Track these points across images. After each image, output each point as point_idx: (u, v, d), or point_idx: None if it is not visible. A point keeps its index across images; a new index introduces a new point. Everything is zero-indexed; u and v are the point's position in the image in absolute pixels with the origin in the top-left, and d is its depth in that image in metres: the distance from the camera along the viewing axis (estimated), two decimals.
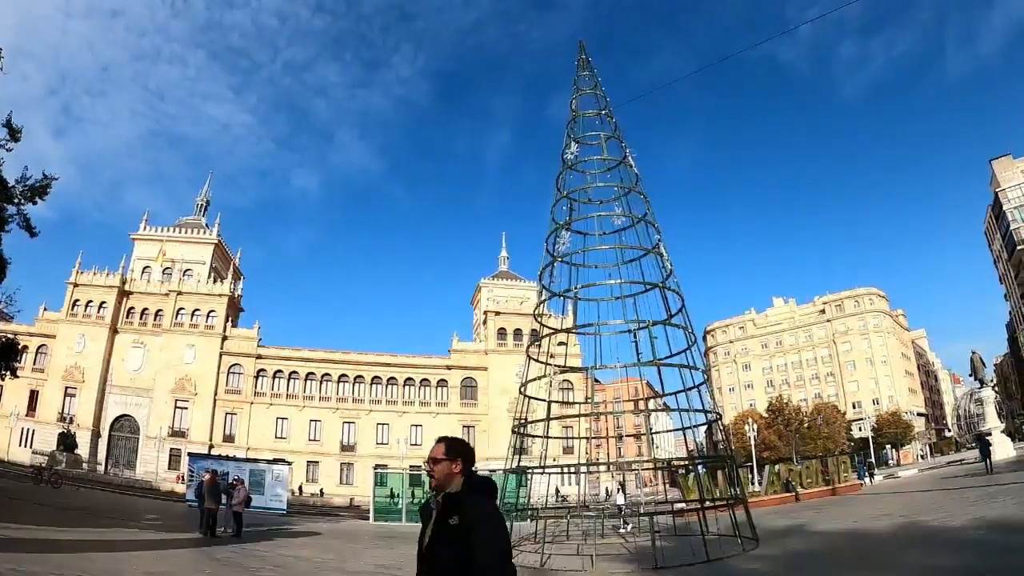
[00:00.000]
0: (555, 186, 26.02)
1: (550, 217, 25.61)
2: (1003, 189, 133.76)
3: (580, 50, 28.63)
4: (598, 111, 27.12)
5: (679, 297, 24.33)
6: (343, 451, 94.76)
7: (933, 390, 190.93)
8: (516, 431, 24.08)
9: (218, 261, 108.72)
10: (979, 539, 16.92)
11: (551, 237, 25.12)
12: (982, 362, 70.35)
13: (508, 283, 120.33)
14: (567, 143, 26.26)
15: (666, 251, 24.93)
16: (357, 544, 28.67)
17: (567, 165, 26.02)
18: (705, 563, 17.76)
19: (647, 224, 25.22)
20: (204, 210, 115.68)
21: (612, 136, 26.64)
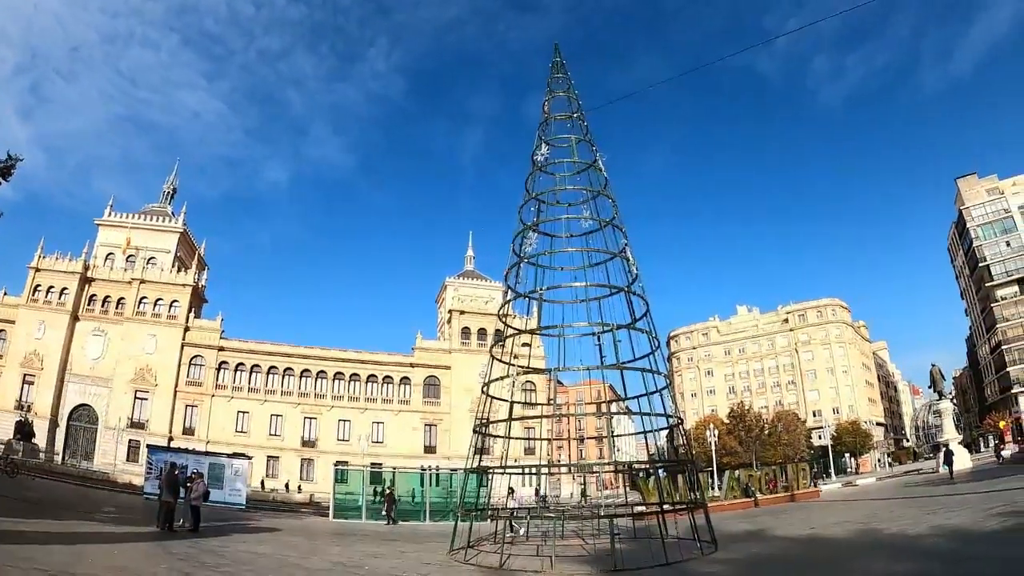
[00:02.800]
0: (524, 187, 26.04)
1: (518, 218, 25.65)
2: (967, 207, 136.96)
3: (555, 52, 28.65)
4: (570, 114, 27.16)
5: (644, 302, 24.45)
6: (304, 447, 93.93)
7: (892, 401, 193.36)
8: (477, 431, 24.06)
9: (183, 250, 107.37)
10: (937, 547, 17.16)
11: (518, 238, 25.13)
12: (941, 375, 71.38)
13: (474, 282, 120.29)
14: (538, 144, 26.29)
15: (632, 256, 25.02)
16: (316, 541, 28.48)
17: (537, 167, 26.05)
18: (664, 566, 17.85)
19: (615, 228, 25.28)
20: (170, 198, 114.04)
21: (583, 139, 26.68)
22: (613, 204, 25.78)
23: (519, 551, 21.71)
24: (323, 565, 19.72)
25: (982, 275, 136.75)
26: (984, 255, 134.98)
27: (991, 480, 38.69)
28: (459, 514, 24.51)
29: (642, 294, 24.48)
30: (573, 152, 26.30)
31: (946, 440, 60.74)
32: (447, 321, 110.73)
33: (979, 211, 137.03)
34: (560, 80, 27.94)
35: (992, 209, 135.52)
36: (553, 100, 27.53)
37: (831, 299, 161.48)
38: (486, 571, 18.65)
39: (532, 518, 26.46)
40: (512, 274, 25.07)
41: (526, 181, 26.05)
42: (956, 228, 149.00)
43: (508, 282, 25.49)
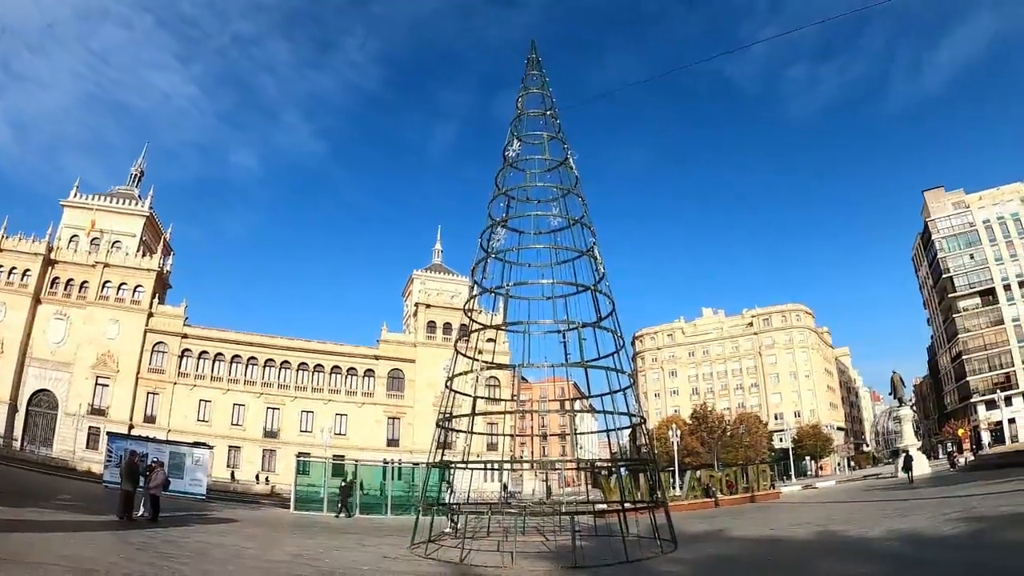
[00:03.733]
0: (495, 182, 26.00)
1: (487, 213, 25.59)
2: (933, 219, 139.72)
3: (531, 49, 28.57)
4: (543, 111, 27.14)
5: (610, 301, 24.47)
6: (266, 437, 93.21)
7: (853, 406, 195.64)
8: (440, 425, 24.02)
9: (148, 235, 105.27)
10: (893, 550, 17.36)
11: (486, 233, 25.06)
12: (902, 382, 72.45)
13: (441, 276, 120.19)
14: (510, 140, 26.25)
15: (600, 255, 25.08)
16: (277, 532, 28.35)
17: (508, 162, 26.00)
18: (624, 564, 17.93)
19: (583, 227, 25.30)
20: (138, 181, 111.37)
21: (555, 137, 26.66)
22: (582, 203, 25.82)
23: (480, 546, 21.69)
24: (283, 557, 19.61)
25: (945, 286, 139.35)
26: (948, 267, 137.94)
27: (949, 486, 39.25)
28: (421, 508, 24.48)
29: (608, 293, 24.52)
30: (545, 149, 26.29)
31: (905, 446, 61.54)
32: (413, 314, 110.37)
33: (945, 224, 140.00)
34: (535, 77, 27.88)
35: (958, 222, 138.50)
36: (527, 96, 27.47)
37: (795, 304, 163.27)
38: (446, 566, 18.60)
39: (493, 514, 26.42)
40: (479, 269, 25.01)
41: (496, 176, 26.00)
42: (921, 239, 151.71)
43: (475, 277, 25.41)
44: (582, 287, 24.50)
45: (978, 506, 24.60)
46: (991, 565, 13.50)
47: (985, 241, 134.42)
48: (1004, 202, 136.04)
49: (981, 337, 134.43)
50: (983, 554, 14.70)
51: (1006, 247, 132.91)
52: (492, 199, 25.64)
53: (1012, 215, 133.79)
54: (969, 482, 39.69)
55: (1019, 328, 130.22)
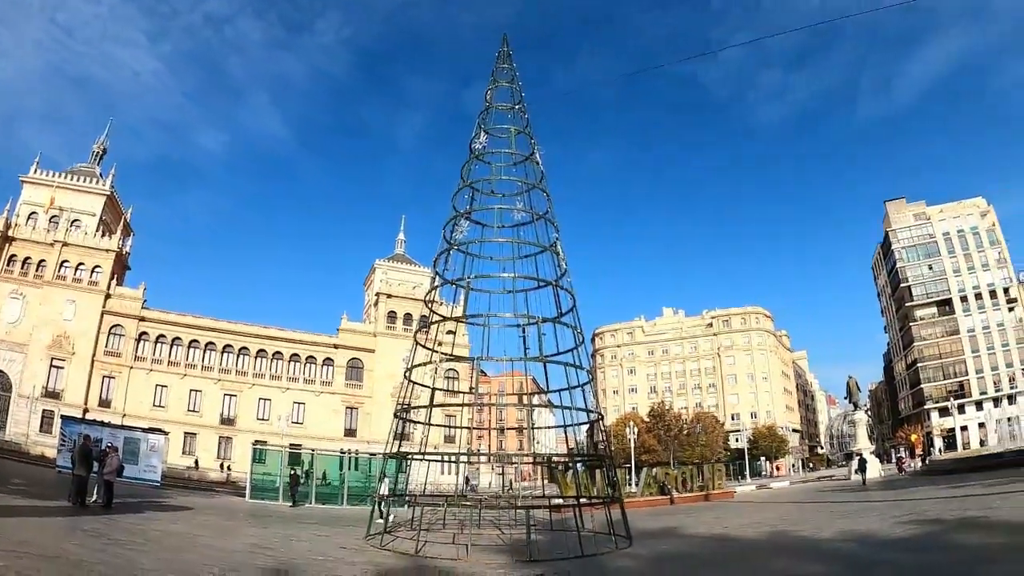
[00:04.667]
0: (460, 174, 25.95)
1: (452, 204, 25.54)
2: (894, 229, 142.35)
3: (503, 42, 28.53)
4: (512, 105, 27.12)
5: (571, 297, 24.55)
6: (222, 424, 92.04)
7: (809, 409, 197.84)
8: (398, 416, 23.95)
9: (109, 214, 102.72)
10: (846, 551, 17.52)
11: (450, 224, 25.02)
12: (857, 387, 73.37)
13: (403, 267, 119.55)
14: (477, 132, 26.20)
15: (562, 250, 25.15)
16: (231, 521, 28.15)
17: (474, 154, 25.96)
18: (578, 558, 18.01)
19: (547, 222, 25.34)
20: (100, 159, 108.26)
21: (522, 131, 26.65)
22: (547, 198, 25.89)
23: (436, 538, 21.68)
24: (238, 546, 19.46)
25: (903, 295, 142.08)
26: (907, 276, 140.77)
27: (900, 490, 39.74)
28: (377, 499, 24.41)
29: (570, 289, 24.60)
30: (512, 143, 26.27)
31: (859, 449, 62.43)
32: (374, 304, 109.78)
33: (905, 234, 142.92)
34: (505, 70, 27.84)
35: (918, 233, 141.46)
36: (496, 90, 27.43)
37: (755, 307, 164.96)
38: (401, 557, 18.57)
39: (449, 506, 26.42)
40: (441, 260, 24.96)
41: (462, 168, 25.96)
42: (882, 249, 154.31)
43: (437, 268, 25.37)
44: (543, 282, 24.56)
45: (929, 509, 24.91)
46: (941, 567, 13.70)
47: (944, 253, 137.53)
48: (964, 215, 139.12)
49: (936, 346, 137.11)
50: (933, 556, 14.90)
51: (964, 259, 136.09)
52: (457, 191, 25.62)
53: (971, 228, 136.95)
54: (921, 486, 40.22)
55: (974, 339, 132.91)
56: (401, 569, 16.82)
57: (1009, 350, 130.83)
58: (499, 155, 26.48)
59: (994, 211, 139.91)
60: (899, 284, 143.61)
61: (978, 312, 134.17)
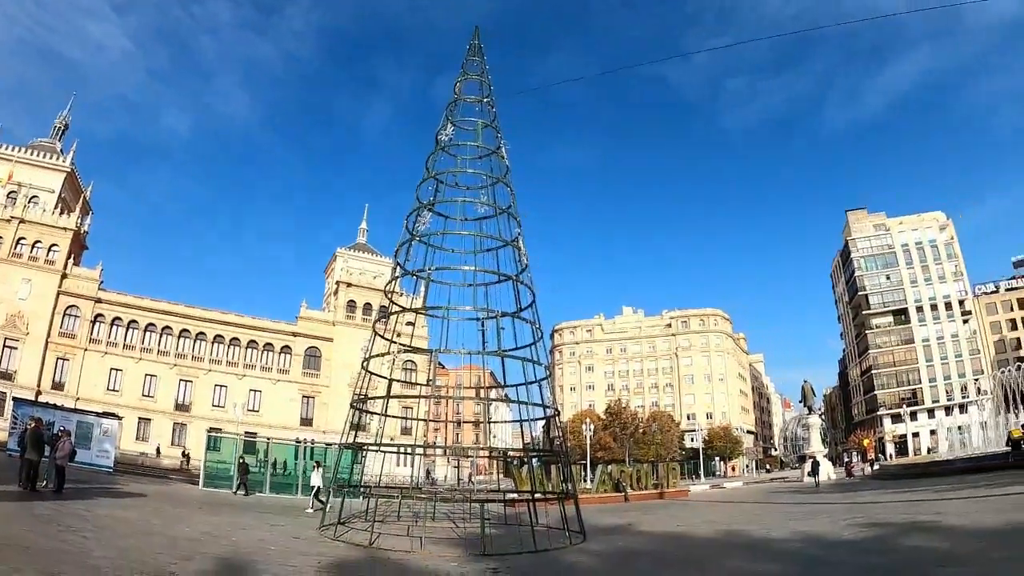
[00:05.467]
0: (425, 165, 25.85)
1: (415, 195, 25.43)
2: (854, 238, 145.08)
3: (475, 35, 28.43)
4: (480, 98, 27.05)
5: (531, 292, 24.57)
6: (177, 410, 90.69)
7: (764, 411, 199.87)
8: (355, 406, 23.84)
9: (68, 191, 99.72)
10: (797, 551, 17.70)
11: (413, 215, 24.91)
12: (812, 391, 74.57)
13: (364, 256, 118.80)
14: (444, 124, 26.12)
15: (524, 246, 25.15)
16: (184, 509, 27.82)
17: (440, 146, 25.86)
18: (532, 553, 18.04)
19: (510, 216, 25.33)
20: (61, 134, 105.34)
21: (489, 125, 26.59)
22: (511, 193, 25.87)
23: (390, 530, 21.62)
24: (190, 534, 19.21)
25: (860, 303, 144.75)
26: (864, 285, 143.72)
27: (852, 492, 40.37)
28: (331, 490, 24.30)
29: (530, 284, 24.62)
30: (478, 136, 26.19)
31: (813, 452, 63.34)
32: (334, 292, 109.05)
33: (864, 244, 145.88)
34: (475, 63, 27.75)
35: (877, 243, 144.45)
36: (466, 82, 27.36)
37: (714, 309, 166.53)
38: (355, 549, 18.49)
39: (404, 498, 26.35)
40: (403, 251, 24.84)
41: (427, 159, 25.82)
42: (841, 257, 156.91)
43: (398, 259, 25.28)
44: (504, 276, 24.56)
45: (880, 513, 25.23)
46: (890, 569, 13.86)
47: (902, 264, 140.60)
48: (924, 228, 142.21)
49: (891, 354, 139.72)
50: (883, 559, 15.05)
51: (922, 271, 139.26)
52: (421, 182, 25.48)
53: (930, 241, 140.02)
54: (872, 490, 40.80)
55: (928, 348, 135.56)
56: (354, 561, 16.72)
57: (962, 360, 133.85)
58: (465, 148, 26.40)
59: (953, 225, 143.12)
60: (857, 292, 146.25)
61: (933, 323, 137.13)
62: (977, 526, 17.96)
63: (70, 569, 11.94)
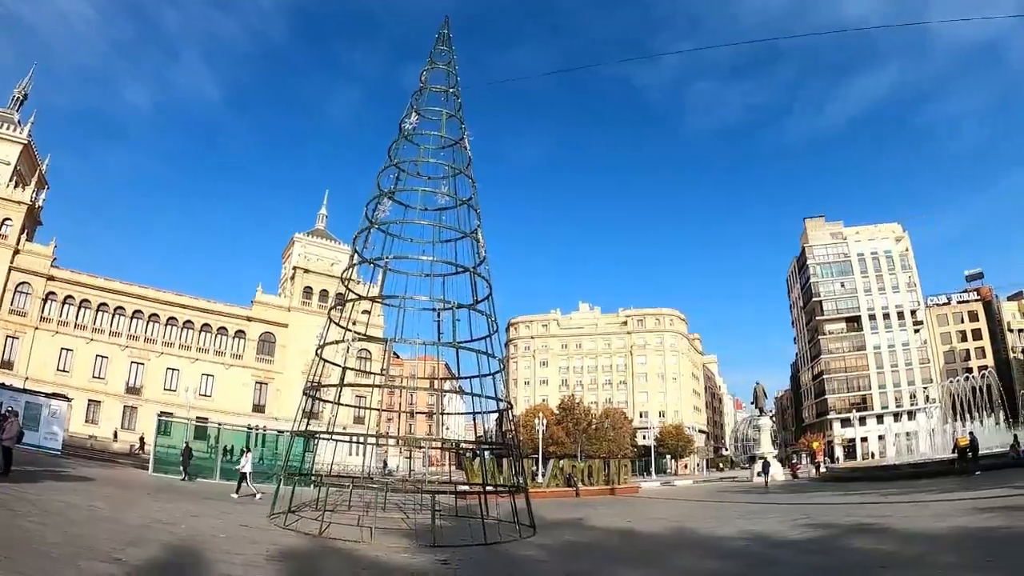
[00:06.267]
0: (388, 153, 25.72)
1: (376, 183, 25.30)
2: (811, 245, 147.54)
3: (444, 24, 28.35)
4: (446, 88, 26.96)
5: (488, 285, 24.58)
6: (128, 393, 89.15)
7: (716, 411, 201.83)
8: (308, 393, 23.68)
9: (24, 164, 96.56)
10: (743, 549, 17.91)
11: (372, 203, 24.78)
12: (764, 393, 75.34)
13: (322, 242, 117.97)
14: (408, 112, 26.00)
15: (483, 238, 25.14)
16: (133, 495, 27.45)
17: (403, 134, 25.74)
18: (482, 545, 18.13)
19: (470, 208, 25.31)
20: (20, 104, 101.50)
21: (454, 116, 26.52)
22: (472, 184, 25.85)
23: (340, 520, 21.51)
24: (140, 521, 18.93)
25: (815, 309, 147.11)
26: (819, 291, 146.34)
27: (801, 493, 40.93)
28: (282, 477, 24.15)
29: (487, 277, 24.63)
30: (442, 126, 26.13)
31: (763, 453, 64.17)
32: (290, 278, 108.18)
33: (821, 251, 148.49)
34: (443, 52, 27.66)
35: (833, 251, 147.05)
36: (432, 71, 27.26)
37: (671, 309, 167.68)
38: (304, 538, 18.42)
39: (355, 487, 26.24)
40: (361, 238, 24.73)
41: (390, 147, 25.69)
42: (797, 263, 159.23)
43: (356, 246, 25.15)
44: (461, 268, 24.52)
45: (826, 514, 25.57)
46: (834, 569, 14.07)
47: (857, 272, 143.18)
48: (880, 239, 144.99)
49: (843, 360, 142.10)
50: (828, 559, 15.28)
51: (876, 280, 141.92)
52: (383, 169, 25.36)
53: (885, 252, 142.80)
54: (820, 491, 41.40)
55: (879, 356, 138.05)
56: (304, 550, 16.64)
57: (912, 369, 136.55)
58: (428, 137, 26.34)
59: (908, 238, 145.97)
60: (811, 298, 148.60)
61: (885, 331, 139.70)
62: (921, 530, 18.24)
63: (19, 555, 11.80)
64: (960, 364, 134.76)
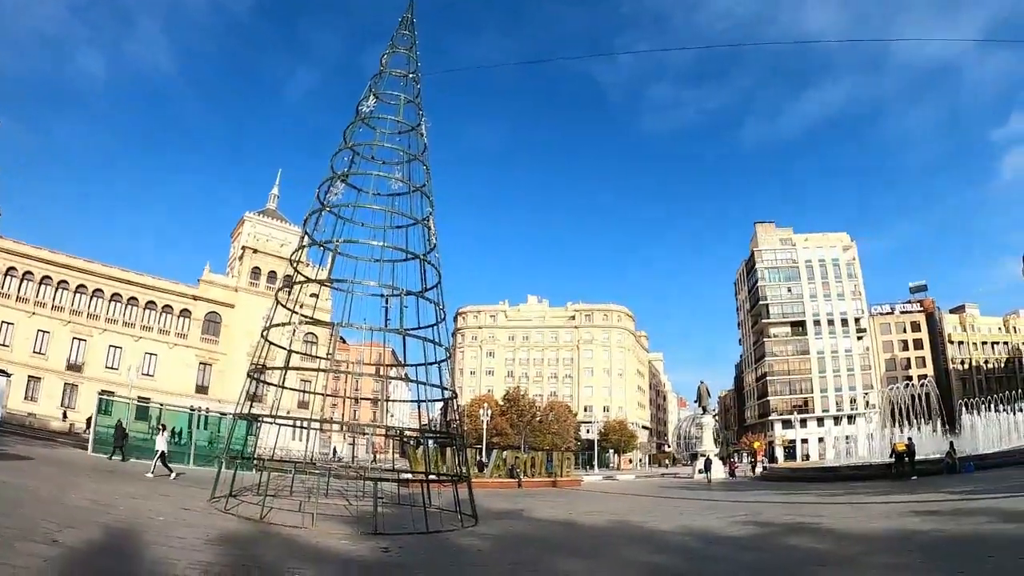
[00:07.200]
0: (343, 135, 25.49)
1: (330, 165, 25.05)
2: (760, 250, 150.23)
3: (408, 8, 28.14)
4: (407, 72, 26.76)
5: (437, 273, 24.46)
6: (69, 370, 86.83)
7: (660, 408, 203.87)
8: (252, 376, 23.41)
9: None
10: (684, 544, 17.96)
11: (325, 185, 24.53)
12: (708, 392, 76.53)
13: (273, 222, 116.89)
14: (367, 95, 25.73)
15: (434, 225, 25.03)
16: (73, 475, 27.03)
17: (360, 117, 25.50)
18: (424, 534, 18.06)
19: (423, 195, 25.17)
20: None
21: (412, 101, 26.33)
22: (427, 171, 25.69)
23: (282, 505, 21.37)
24: (79, 502, 18.65)
25: (761, 312, 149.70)
26: (766, 295, 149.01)
27: (742, 491, 41.53)
28: (224, 461, 23.88)
29: (437, 265, 24.51)
30: (400, 111, 25.93)
31: (705, 451, 65.08)
32: (239, 257, 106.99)
33: (770, 256, 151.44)
34: (405, 37, 27.44)
35: (782, 257, 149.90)
36: (393, 55, 27.04)
37: (619, 306, 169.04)
38: (245, 522, 18.22)
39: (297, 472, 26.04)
40: (312, 220, 24.47)
41: (346, 130, 25.46)
42: (746, 266, 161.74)
43: (307, 228, 24.89)
44: (412, 255, 24.34)
45: (766, 512, 25.89)
46: (772, 566, 14.21)
47: (804, 278, 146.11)
48: (828, 247, 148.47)
49: (787, 363, 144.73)
50: (765, 556, 15.44)
51: (822, 287, 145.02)
52: (337, 151, 25.12)
53: (832, 260, 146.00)
54: (761, 490, 42.02)
55: (822, 360, 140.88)
56: (244, 535, 16.44)
57: (853, 374, 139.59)
58: (385, 121, 26.08)
59: (856, 247, 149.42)
60: (758, 301, 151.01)
61: (829, 337, 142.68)
62: (858, 531, 18.54)
63: None
64: (901, 372, 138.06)
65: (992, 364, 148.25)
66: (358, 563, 14.02)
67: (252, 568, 12.66)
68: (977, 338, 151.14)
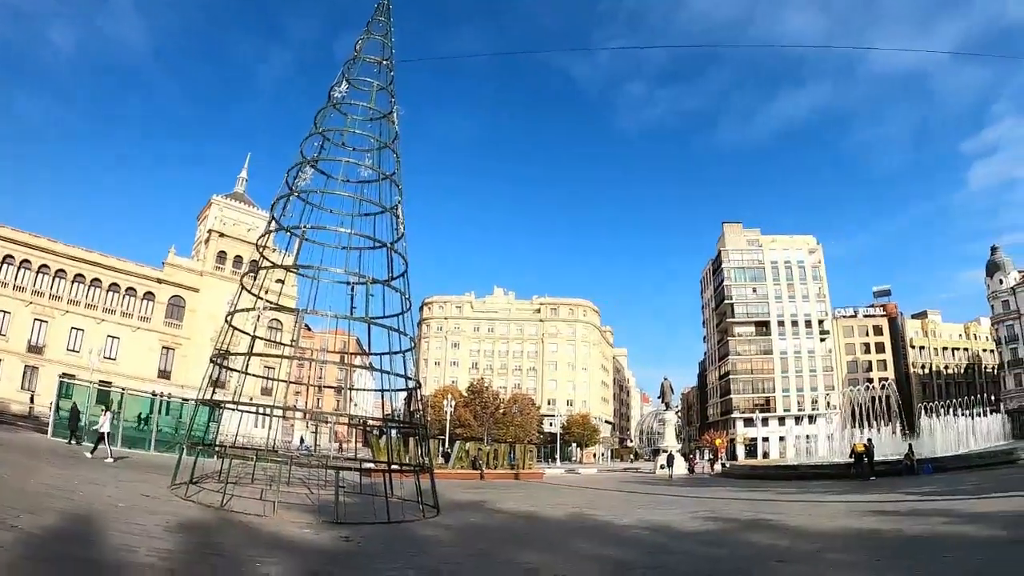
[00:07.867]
0: (314, 120, 25.30)
1: (300, 150, 24.84)
2: (727, 249, 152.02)
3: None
4: (381, 59, 26.58)
5: (404, 262, 24.34)
6: (30, 352, 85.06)
7: (623, 403, 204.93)
8: (215, 361, 23.17)
9: None
10: (640, 537, 18.13)
11: (294, 170, 24.32)
12: (671, 388, 77.03)
13: (241, 206, 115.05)
14: (339, 80, 25.53)
15: (403, 214, 24.91)
16: (32, 460, 26.71)
17: (332, 102, 25.30)
18: (385, 524, 18.02)
19: (392, 183, 25.01)
20: None
21: (385, 88, 26.18)
22: (397, 159, 25.55)
23: (243, 493, 21.22)
24: (37, 487, 18.43)
25: (726, 311, 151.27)
26: (732, 295, 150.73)
27: (703, 487, 41.92)
28: (185, 447, 23.67)
29: (404, 254, 24.38)
30: (372, 98, 25.76)
31: (667, 446, 65.48)
32: (205, 241, 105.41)
33: (737, 256, 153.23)
34: (380, 23, 27.23)
35: (749, 257, 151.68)
36: (368, 41, 26.85)
37: (585, 300, 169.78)
38: (206, 509, 18.08)
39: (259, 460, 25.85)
40: (280, 205, 24.27)
41: (317, 115, 25.26)
42: (713, 265, 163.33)
43: (274, 212, 24.66)
44: (379, 243, 24.21)
45: (726, 508, 26.07)
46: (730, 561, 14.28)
47: (769, 279, 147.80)
48: (794, 249, 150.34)
49: (750, 362, 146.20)
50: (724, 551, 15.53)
51: (787, 288, 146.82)
52: (307, 136, 24.91)
53: (798, 262, 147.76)
54: (722, 486, 42.44)
55: (785, 360, 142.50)
56: (204, 522, 16.29)
57: (816, 375, 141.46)
58: (357, 108, 25.90)
59: (822, 251, 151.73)
60: (723, 300, 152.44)
61: (792, 338, 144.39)
62: (816, 528, 18.69)
63: None
64: (862, 374, 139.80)
65: (952, 370, 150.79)
66: (319, 552, 13.96)
67: (212, 556, 12.55)
68: (938, 344, 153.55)
